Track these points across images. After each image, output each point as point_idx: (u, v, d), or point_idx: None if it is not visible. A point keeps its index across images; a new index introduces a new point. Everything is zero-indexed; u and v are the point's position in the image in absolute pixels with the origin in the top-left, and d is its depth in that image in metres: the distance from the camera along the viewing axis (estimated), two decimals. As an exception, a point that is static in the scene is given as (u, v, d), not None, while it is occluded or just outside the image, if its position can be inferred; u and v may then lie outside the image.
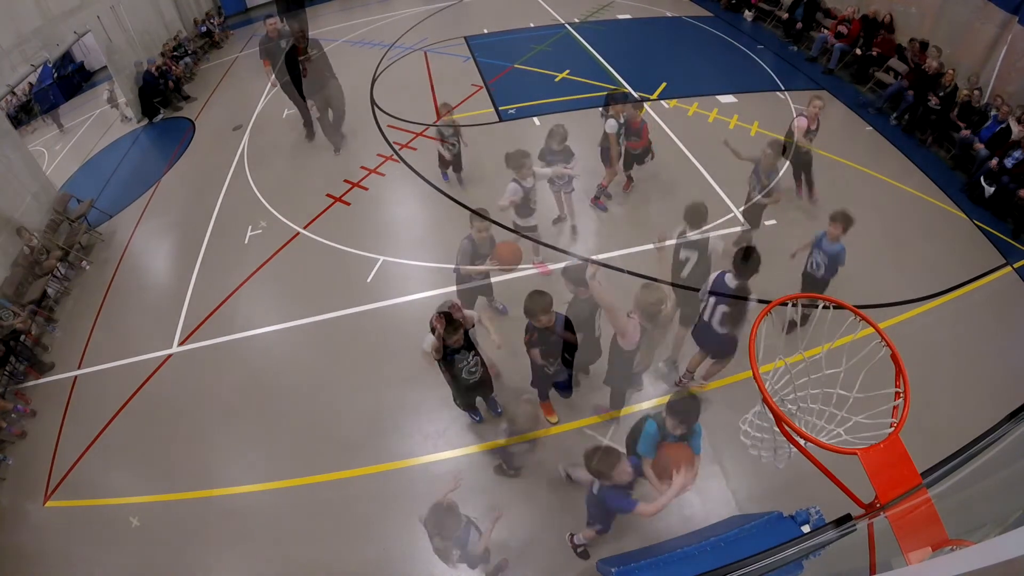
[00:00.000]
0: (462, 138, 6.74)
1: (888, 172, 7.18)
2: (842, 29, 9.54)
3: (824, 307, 2.51)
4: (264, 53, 7.74)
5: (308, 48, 7.38)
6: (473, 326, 3.85)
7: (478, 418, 4.69)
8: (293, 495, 4.43)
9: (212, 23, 13.97)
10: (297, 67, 7.46)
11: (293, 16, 7.78)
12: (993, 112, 7.09)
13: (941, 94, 7.69)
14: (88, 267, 7.35)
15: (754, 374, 2.27)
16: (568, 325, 3.85)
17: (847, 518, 2.04)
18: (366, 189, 7.54)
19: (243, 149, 8.97)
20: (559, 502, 4.12)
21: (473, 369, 3.87)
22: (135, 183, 8.90)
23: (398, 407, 4.90)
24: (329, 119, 8.20)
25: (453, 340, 3.58)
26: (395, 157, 8.05)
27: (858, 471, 1.96)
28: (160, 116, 10.93)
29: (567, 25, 11.66)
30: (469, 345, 3.80)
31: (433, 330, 3.58)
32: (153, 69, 10.96)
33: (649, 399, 4.71)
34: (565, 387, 4.54)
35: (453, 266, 4.75)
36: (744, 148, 5.76)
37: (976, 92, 7.41)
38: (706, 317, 4.08)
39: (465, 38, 11.51)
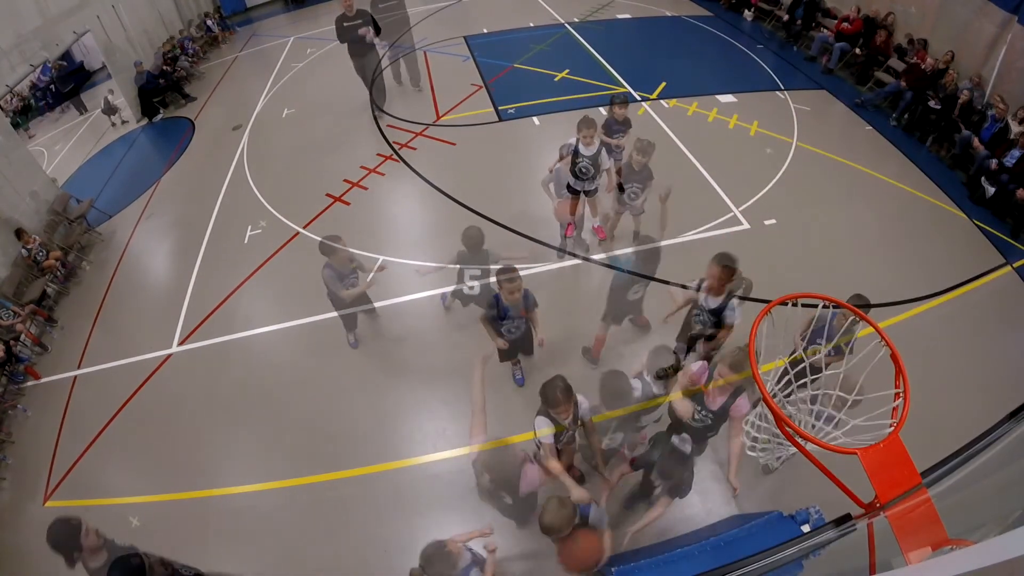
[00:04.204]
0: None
1: (888, 172, 7.17)
2: (845, 26, 9.54)
3: (824, 307, 2.52)
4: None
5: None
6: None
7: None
8: (293, 495, 4.43)
9: (213, 22, 13.99)
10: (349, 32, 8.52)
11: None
12: (991, 112, 7.08)
13: (942, 95, 7.68)
14: (88, 267, 7.35)
15: (754, 374, 2.28)
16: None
17: (847, 518, 2.04)
18: (366, 189, 7.54)
19: (243, 149, 8.96)
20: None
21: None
22: (135, 183, 8.89)
23: (398, 406, 4.89)
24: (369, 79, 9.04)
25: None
26: (395, 157, 8.05)
27: (858, 471, 1.96)
28: (160, 116, 10.93)
29: (567, 25, 11.65)
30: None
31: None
32: (154, 69, 10.97)
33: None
34: None
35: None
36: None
37: (968, 92, 7.40)
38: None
39: (465, 38, 11.50)
